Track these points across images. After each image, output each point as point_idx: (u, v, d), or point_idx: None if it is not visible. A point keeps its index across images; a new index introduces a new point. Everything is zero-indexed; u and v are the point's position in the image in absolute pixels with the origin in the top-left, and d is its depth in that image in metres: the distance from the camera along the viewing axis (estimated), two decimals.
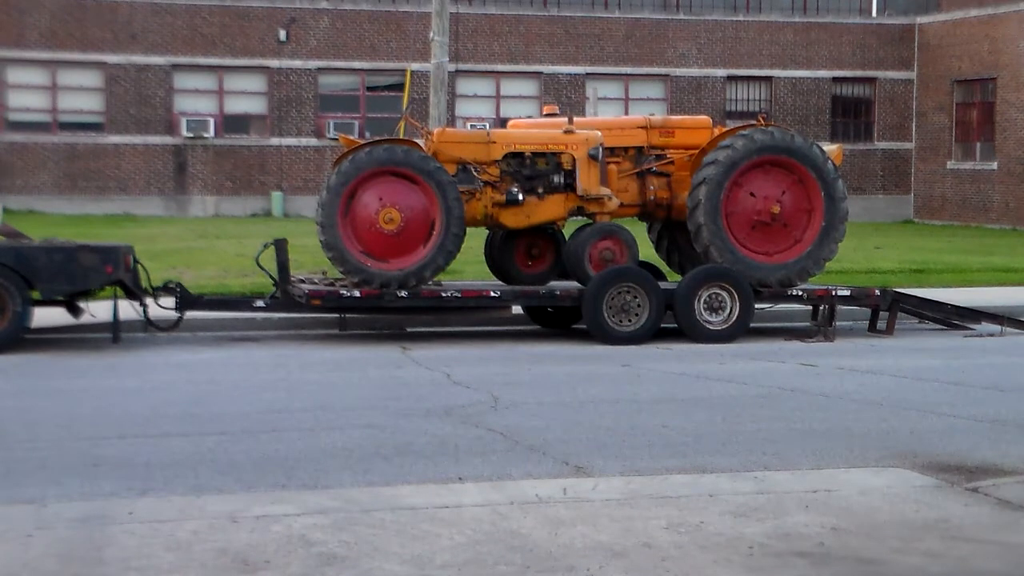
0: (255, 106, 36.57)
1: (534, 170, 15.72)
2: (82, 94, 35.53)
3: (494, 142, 15.71)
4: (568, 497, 7.23)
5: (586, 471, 8.13)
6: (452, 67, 30.98)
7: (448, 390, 11.37)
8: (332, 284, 15.35)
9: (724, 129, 16.57)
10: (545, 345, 15.02)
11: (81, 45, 35.09)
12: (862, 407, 10.64)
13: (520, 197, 15.52)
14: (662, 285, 15.59)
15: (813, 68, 39.21)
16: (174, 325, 14.89)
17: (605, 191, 15.82)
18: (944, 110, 38.95)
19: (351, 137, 17.51)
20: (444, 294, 15.11)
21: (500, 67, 37.41)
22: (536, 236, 16.32)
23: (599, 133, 15.99)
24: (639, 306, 15.01)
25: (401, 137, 16.88)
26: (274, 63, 36.26)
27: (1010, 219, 36.43)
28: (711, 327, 15.16)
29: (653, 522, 6.69)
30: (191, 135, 35.53)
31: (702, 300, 15.18)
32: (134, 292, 14.48)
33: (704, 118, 17.18)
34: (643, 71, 38.24)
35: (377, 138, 16.21)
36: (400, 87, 32.25)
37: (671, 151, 16.37)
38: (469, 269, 18.56)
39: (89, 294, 14.54)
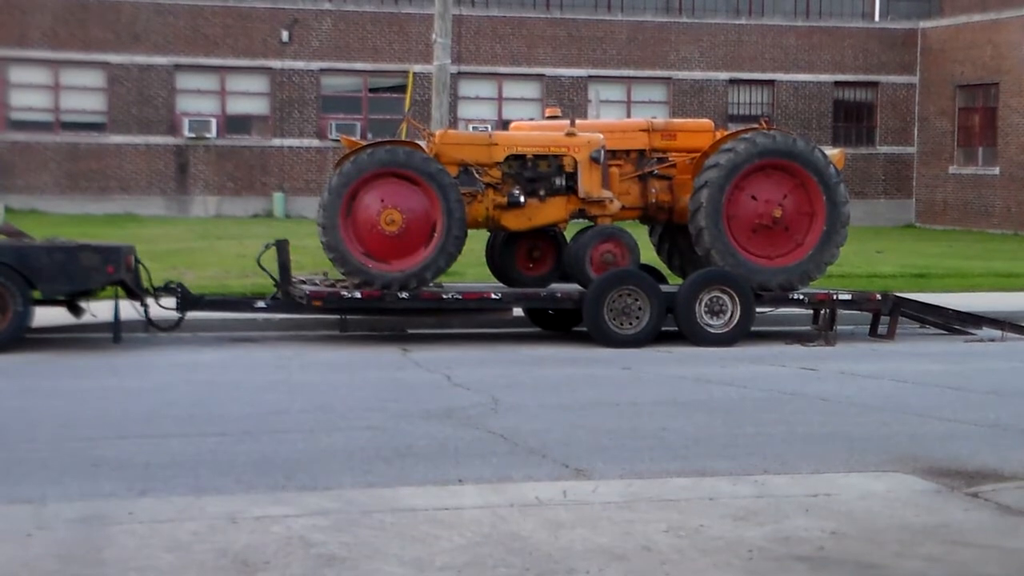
0: (257, 107, 36.57)
1: (536, 172, 15.71)
2: (84, 94, 35.54)
3: (496, 144, 15.70)
4: (568, 500, 7.23)
5: (586, 474, 8.12)
6: (454, 69, 30.98)
7: (449, 392, 11.37)
8: (333, 285, 15.34)
9: (726, 132, 16.56)
10: (546, 347, 15.02)
11: (84, 45, 35.10)
12: (863, 411, 10.63)
13: (521, 199, 15.52)
14: (663, 288, 15.58)
15: (815, 72, 39.20)
16: (175, 325, 14.89)
17: (607, 194, 15.82)
18: (946, 115, 38.94)
19: (353, 138, 17.50)
20: (445, 296, 15.11)
21: (502, 69, 37.40)
22: (537, 238, 16.31)
23: (601, 136, 15.99)
24: (640, 309, 15.00)
25: (403, 139, 16.88)
26: (276, 64, 36.27)
27: (1012, 224, 36.40)
28: (712, 330, 15.15)
29: (653, 525, 6.69)
30: (193, 135, 35.54)
31: (703, 303, 15.17)
32: (135, 292, 14.48)
33: (706, 121, 17.17)
34: (645, 74, 38.23)
35: (379, 139, 16.21)
36: (402, 89, 32.29)
37: (673, 154, 16.35)
38: (470, 271, 18.55)
39: (90, 294, 14.53)
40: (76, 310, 14.65)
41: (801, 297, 15.87)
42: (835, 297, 15.92)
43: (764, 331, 16.24)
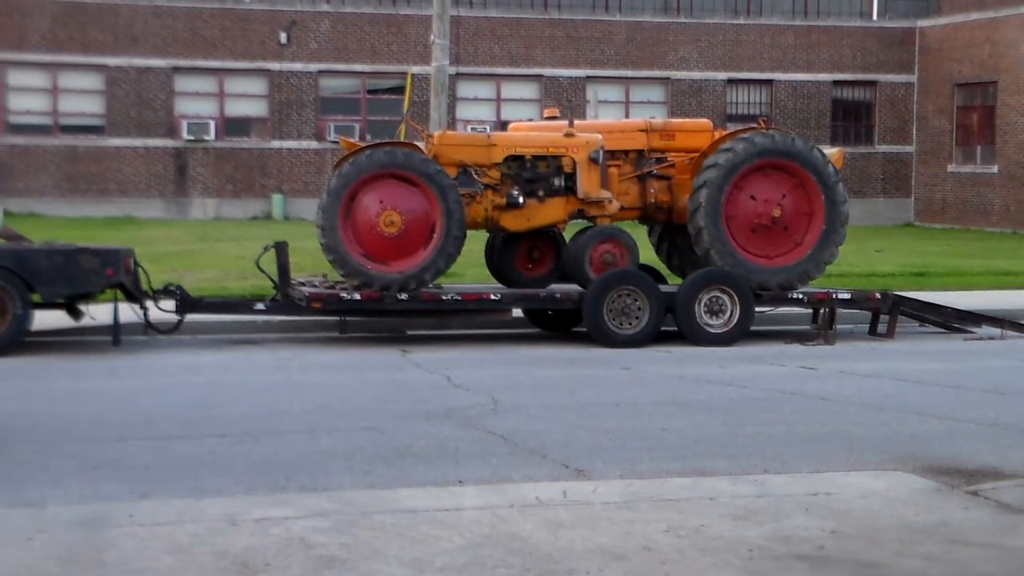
0: (256, 109, 36.58)
1: (535, 173, 15.71)
2: (83, 97, 35.54)
3: (495, 145, 15.70)
4: (568, 500, 7.23)
5: (586, 474, 8.13)
6: (453, 70, 30.97)
7: (448, 393, 11.37)
8: (332, 287, 15.35)
9: (724, 132, 16.57)
10: (545, 348, 15.02)
11: (82, 48, 35.10)
12: (862, 410, 10.63)
13: (520, 200, 15.53)
14: (662, 288, 15.59)
15: (814, 71, 39.21)
16: (174, 328, 14.88)
17: (606, 194, 15.82)
18: (945, 113, 38.95)
19: (352, 140, 17.50)
20: (444, 297, 15.11)
21: (501, 70, 37.41)
22: (536, 239, 16.31)
23: (599, 136, 15.99)
24: (639, 309, 15.01)
25: (402, 140, 16.88)
26: (275, 66, 36.28)
27: (1011, 222, 36.41)
28: (711, 330, 15.15)
29: (653, 525, 6.69)
30: (192, 138, 35.54)
31: (702, 303, 15.17)
32: (134, 295, 14.47)
33: (704, 121, 17.18)
34: (644, 74, 38.24)
35: (378, 141, 16.21)
36: (401, 90, 32.25)
37: (672, 154, 16.36)
38: (469, 272, 18.56)
39: (89, 297, 14.52)
40: (75, 313, 14.64)
41: (800, 296, 15.88)
42: (834, 296, 15.92)
43: (763, 331, 16.24)
